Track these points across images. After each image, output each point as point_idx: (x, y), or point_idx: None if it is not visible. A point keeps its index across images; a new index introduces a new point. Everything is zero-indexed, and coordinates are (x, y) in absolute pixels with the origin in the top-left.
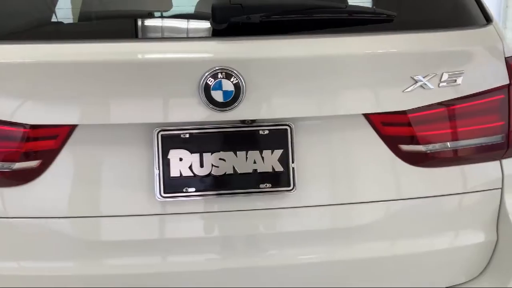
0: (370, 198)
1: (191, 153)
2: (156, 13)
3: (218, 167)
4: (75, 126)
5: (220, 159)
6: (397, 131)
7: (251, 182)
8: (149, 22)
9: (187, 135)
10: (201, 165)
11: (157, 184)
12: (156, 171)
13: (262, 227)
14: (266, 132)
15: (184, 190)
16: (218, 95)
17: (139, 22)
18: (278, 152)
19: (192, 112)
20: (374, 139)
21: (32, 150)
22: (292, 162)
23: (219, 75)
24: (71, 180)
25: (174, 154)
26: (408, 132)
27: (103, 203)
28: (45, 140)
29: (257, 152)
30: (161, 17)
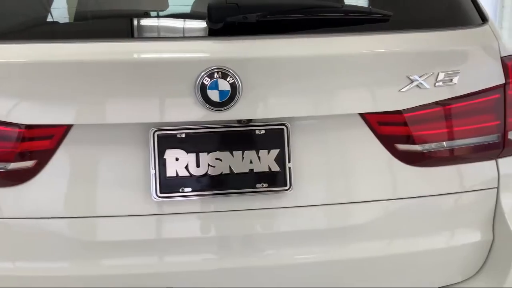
0: (366, 198)
1: (187, 153)
2: (152, 13)
3: (214, 167)
4: (70, 126)
5: (216, 159)
6: (393, 131)
7: (247, 182)
8: (145, 22)
9: (183, 135)
10: (198, 165)
11: (153, 184)
12: (152, 171)
13: (258, 227)
14: (263, 132)
15: (180, 190)
16: (214, 95)
17: (135, 22)
18: (274, 152)
19: (188, 112)
20: (370, 139)
21: (27, 150)
22: (289, 161)
23: (215, 74)
24: (67, 180)
25: (170, 154)
26: (404, 131)
27: (99, 203)
28: (41, 140)
29: (253, 152)
30: (157, 16)
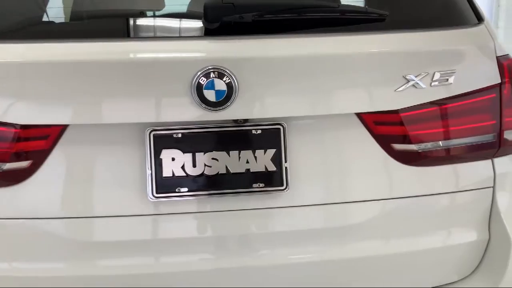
0: (362, 198)
1: (183, 153)
2: (149, 12)
3: (210, 167)
4: (66, 126)
5: (212, 159)
6: (390, 130)
7: (244, 182)
8: (141, 22)
9: (180, 135)
10: (194, 165)
11: (149, 184)
12: (148, 171)
13: (255, 227)
14: (259, 131)
15: (176, 190)
16: (210, 95)
17: (131, 22)
18: (271, 152)
19: (185, 111)
20: (367, 138)
21: (23, 151)
22: (285, 161)
23: (212, 74)
24: (63, 181)
25: (166, 154)
26: (400, 131)
27: (94, 204)
28: (36, 140)
29: (249, 152)
30: (153, 16)
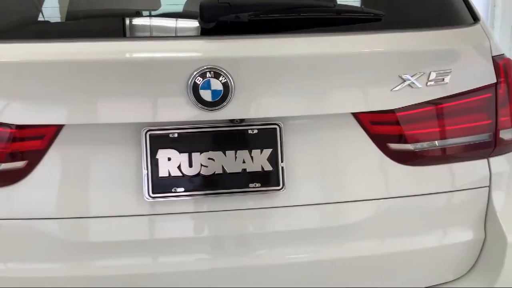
0: (359, 197)
1: (179, 152)
2: (145, 12)
3: (207, 167)
4: (61, 126)
5: (209, 158)
6: (386, 130)
7: (240, 181)
8: (137, 21)
9: (176, 135)
10: (190, 165)
11: (146, 184)
12: (145, 171)
13: (251, 227)
14: (255, 131)
15: (173, 190)
16: (206, 95)
17: (127, 21)
18: (267, 152)
19: (181, 111)
20: (363, 138)
21: (18, 151)
22: (281, 161)
23: (208, 74)
24: (58, 181)
25: (162, 154)
26: (396, 131)
27: (90, 204)
28: (32, 140)
29: (246, 152)
30: (150, 16)
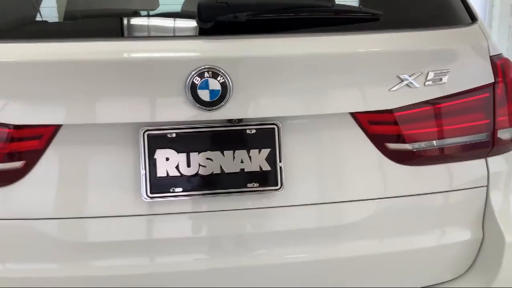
0: (357, 197)
1: (177, 152)
2: (143, 12)
3: (205, 166)
4: (59, 126)
5: (207, 158)
6: (384, 130)
7: (238, 181)
8: (135, 21)
9: (174, 135)
10: (188, 165)
11: (144, 184)
12: (143, 171)
13: (250, 227)
14: (253, 131)
15: (171, 190)
16: (204, 94)
17: (125, 21)
18: (265, 151)
19: (179, 111)
20: (361, 138)
21: (16, 151)
22: (280, 161)
23: (206, 74)
24: (56, 181)
25: (160, 154)
26: (394, 130)
27: (88, 204)
28: (29, 141)
29: (244, 152)
30: (148, 16)
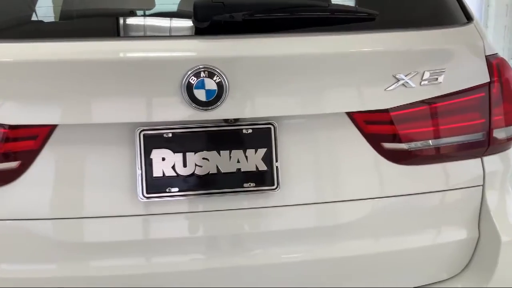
0: (353, 196)
1: (174, 152)
2: (139, 12)
3: (201, 166)
4: (55, 126)
5: (203, 158)
6: (380, 130)
7: (235, 181)
8: (131, 21)
9: (170, 135)
10: (184, 165)
11: (140, 185)
12: (139, 171)
13: (246, 227)
14: (250, 131)
15: (167, 190)
16: (200, 94)
17: (121, 21)
18: (261, 151)
19: (175, 111)
20: (357, 138)
21: (11, 151)
22: (276, 161)
23: (202, 74)
24: (52, 181)
25: (156, 154)
26: (390, 130)
27: (84, 204)
28: (25, 141)
29: (240, 151)
30: (144, 15)
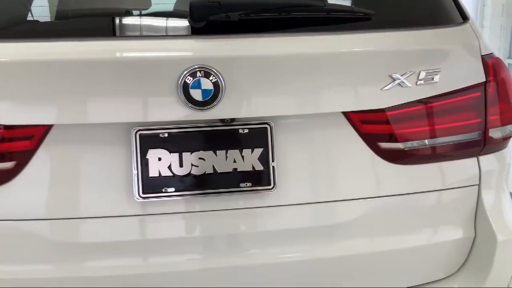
0: (349, 196)
1: (170, 152)
2: (135, 11)
3: (197, 166)
4: (50, 126)
5: (199, 158)
6: (376, 129)
7: (231, 181)
8: (127, 20)
9: (166, 135)
10: (181, 165)
11: (136, 185)
12: (135, 171)
13: (243, 227)
14: (246, 131)
15: (163, 190)
16: (197, 94)
17: (117, 20)
18: (258, 151)
19: (171, 111)
20: (353, 137)
21: (6, 151)
22: (272, 161)
23: (198, 73)
24: (48, 181)
25: (152, 154)
26: (386, 130)
27: (80, 205)
28: (20, 141)
29: (237, 151)
30: (140, 15)
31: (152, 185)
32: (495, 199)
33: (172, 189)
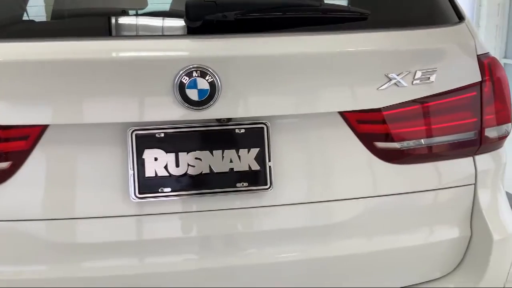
0: (346, 196)
1: (166, 152)
2: (131, 11)
3: (194, 166)
4: (46, 126)
5: (196, 158)
6: (372, 129)
7: (227, 181)
8: (123, 20)
9: (162, 135)
10: (177, 165)
11: (132, 185)
12: (131, 172)
13: (239, 226)
14: (242, 131)
15: (159, 190)
16: (193, 94)
17: (113, 20)
18: (254, 151)
19: (167, 111)
20: (350, 137)
21: (2, 151)
22: (269, 160)
23: (194, 73)
24: (44, 182)
25: (149, 154)
26: (383, 129)
27: (76, 205)
28: (16, 141)
29: (233, 151)
30: (136, 15)
31: (148, 185)
32: (491, 198)
33: (169, 189)
